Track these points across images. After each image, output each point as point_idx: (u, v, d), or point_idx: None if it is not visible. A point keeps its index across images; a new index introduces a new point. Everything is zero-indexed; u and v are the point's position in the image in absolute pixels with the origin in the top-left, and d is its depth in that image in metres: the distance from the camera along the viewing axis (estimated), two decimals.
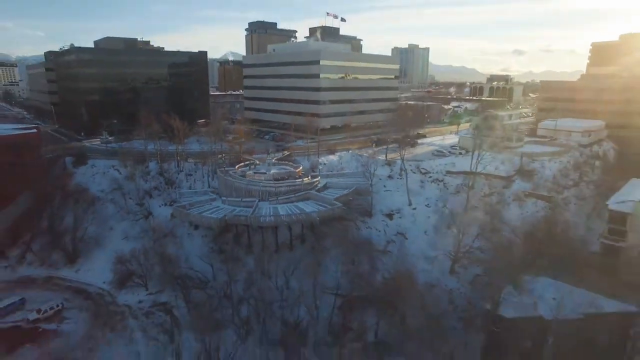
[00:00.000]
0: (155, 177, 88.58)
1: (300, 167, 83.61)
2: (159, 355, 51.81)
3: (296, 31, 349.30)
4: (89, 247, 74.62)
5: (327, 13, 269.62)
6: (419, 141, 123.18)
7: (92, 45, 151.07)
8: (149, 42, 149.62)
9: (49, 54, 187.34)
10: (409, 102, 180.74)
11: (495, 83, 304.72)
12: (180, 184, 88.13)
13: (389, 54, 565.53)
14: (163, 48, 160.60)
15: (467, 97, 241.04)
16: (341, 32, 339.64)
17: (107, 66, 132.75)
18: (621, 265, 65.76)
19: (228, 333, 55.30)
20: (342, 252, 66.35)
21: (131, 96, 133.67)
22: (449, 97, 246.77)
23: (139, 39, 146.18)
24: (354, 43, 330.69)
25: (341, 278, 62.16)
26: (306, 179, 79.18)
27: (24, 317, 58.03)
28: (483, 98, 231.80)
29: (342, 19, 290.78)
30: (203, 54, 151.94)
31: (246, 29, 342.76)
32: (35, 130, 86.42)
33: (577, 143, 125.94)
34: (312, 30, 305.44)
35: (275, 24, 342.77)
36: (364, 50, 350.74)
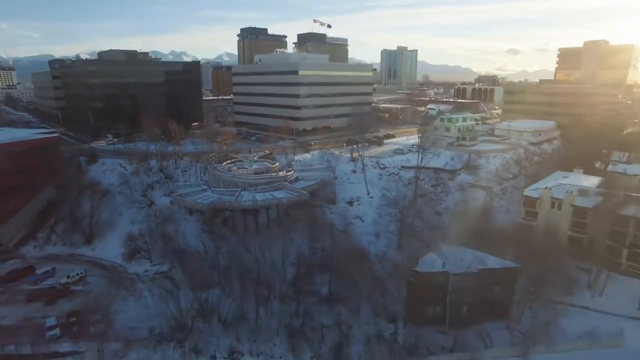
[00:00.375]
0: (156, 172, 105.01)
1: (277, 164, 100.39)
2: (163, 306, 68.07)
3: (286, 36, 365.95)
4: (103, 229, 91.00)
5: (314, 20, 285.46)
6: (387, 141, 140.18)
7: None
8: (147, 53, 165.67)
9: (53, 62, 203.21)
10: (386, 105, 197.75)
11: (477, 85, 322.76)
12: (177, 178, 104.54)
13: (383, 54, 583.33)
14: (160, 59, 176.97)
15: (444, 99, 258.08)
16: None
17: (111, 76, 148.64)
18: (530, 239, 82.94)
19: (215, 291, 71.70)
20: (309, 231, 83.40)
21: (132, 102, 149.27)
22: (427, 99, 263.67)
23: (138, 50, 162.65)
24: (340, 48, 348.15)
25: (306, 251, 79.08)
26: (281, 172, 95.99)
27: (57, 281, 74.35)
28: (459, 100, 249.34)
29: (328, 26, 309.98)
30: (196, 63, 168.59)
31: (238, 35, 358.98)
32: (56, 134, 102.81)
33: (528, 142, 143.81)
34: (300, 37, 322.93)
35: (266, 30, 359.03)
36: (354, 52, 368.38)
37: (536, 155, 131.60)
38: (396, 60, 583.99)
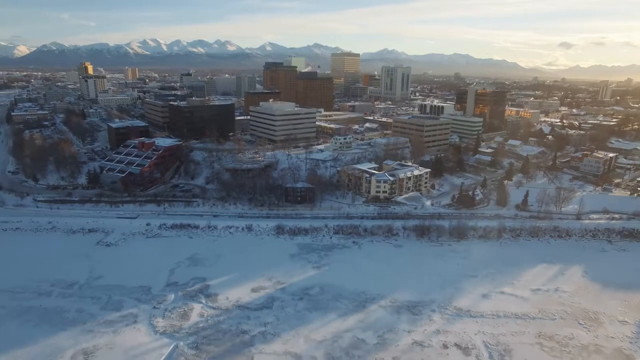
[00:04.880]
0: (214, 156, 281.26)
1: (258, 155, 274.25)
2: (217, 192, 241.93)
3: (296, 67, 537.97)
4: (197, 175, 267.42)
5: (308, 64, 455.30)
6: (313, 147, 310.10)
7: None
8: (209, 99, 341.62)
9: (160, 98, 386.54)
10: (329, 125, 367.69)
11: (436, 102, 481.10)
12: (222, 158, 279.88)
13: (383, 70, 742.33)
14: (217, 98, 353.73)
15: (380, 119, 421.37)
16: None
17: (193, 111, 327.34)
18: (336, 184, 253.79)
19: (233, 190, 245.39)
20: (265, 177, 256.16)
21: (202, 123, 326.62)
22: (371, 117, 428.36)
23: (207, 98, 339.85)
24: (327, 82, 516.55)
25: (263, 183, 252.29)
26: (258, 158, 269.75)
27: (186, 189, 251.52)
28: (387, 120, 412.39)
29: (318, 66, 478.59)
30: (232, 104, 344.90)
31: (263, 66, 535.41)
32: (180, 142, 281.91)
33: (382, 149, 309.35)
34: (301, 74, 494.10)
35: (282, 63, 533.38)
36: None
37: (377, 155, 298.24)
38: (392, 75, 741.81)
